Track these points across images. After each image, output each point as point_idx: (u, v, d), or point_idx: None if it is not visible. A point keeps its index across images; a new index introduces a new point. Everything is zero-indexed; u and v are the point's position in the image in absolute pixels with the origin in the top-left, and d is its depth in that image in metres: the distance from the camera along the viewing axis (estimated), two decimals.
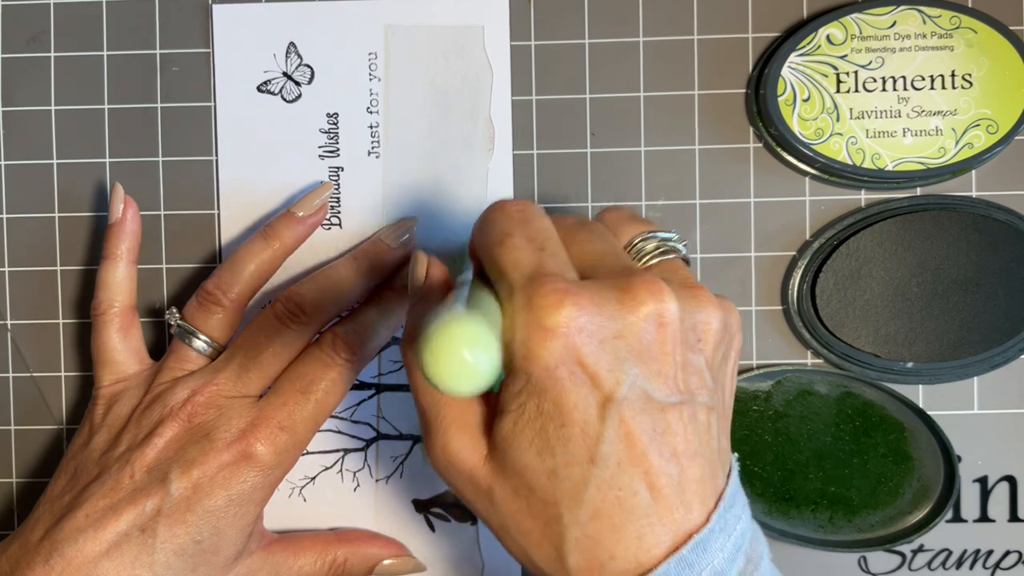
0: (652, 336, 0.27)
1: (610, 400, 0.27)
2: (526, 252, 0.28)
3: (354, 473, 0.43)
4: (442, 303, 0.28)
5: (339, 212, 0.42)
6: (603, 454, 0.27)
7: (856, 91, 0.40)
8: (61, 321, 0.43)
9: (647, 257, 0.32)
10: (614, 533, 0.27)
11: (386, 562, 0.41)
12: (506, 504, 0.29)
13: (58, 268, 0.43)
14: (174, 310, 0.39)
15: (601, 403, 0.27)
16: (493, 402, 0.29)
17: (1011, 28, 0.40)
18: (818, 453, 0.42)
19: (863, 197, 0.42)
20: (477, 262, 0.31)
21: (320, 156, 0.42)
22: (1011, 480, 0.42)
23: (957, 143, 0.40)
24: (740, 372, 0.42)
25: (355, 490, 0.43)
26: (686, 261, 0.33)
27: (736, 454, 0.31)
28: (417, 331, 0.27)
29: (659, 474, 0.27)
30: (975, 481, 0.42)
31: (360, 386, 0.42)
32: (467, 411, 0.30)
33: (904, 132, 0.40)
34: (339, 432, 0.43)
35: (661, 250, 0.32)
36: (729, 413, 0.31)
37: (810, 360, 0.42)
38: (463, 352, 0.25)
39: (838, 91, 0.40)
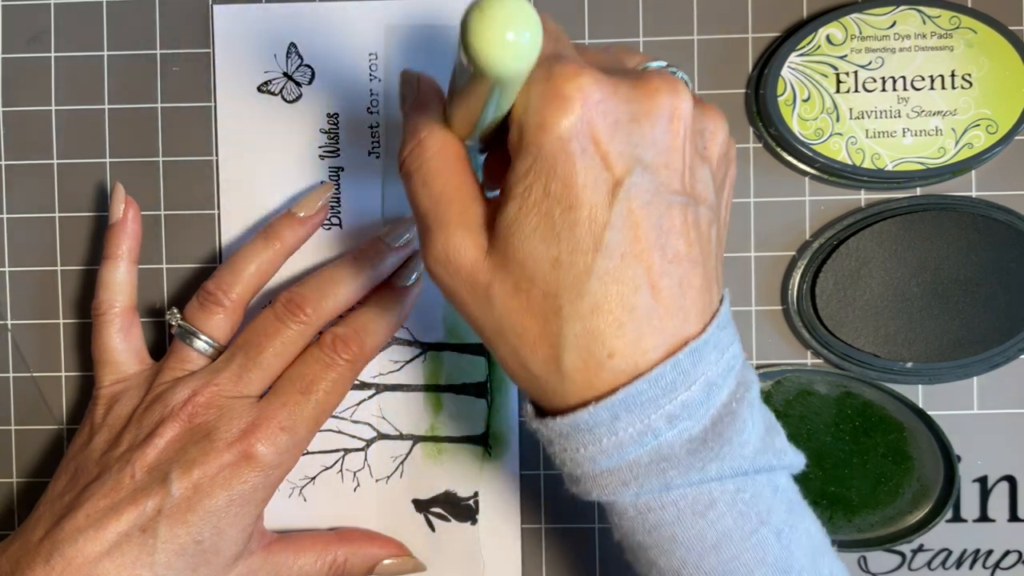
0: (665, 127, 0.27)
1: (620, 185, 0.26)
2: (544, 38, 0.28)
3: (354, 473, 0.43)
4: None
5: (339, 212, 0.42)
6: (608, 242, 0.26)
7: (856, 91, 0.40)
8: (61, 321, 0.43)
9: None
10: (614, 328, 0.27)
11: (386, 562, 0.41)
12: (505, 302, 0.28)
13: (58, 268, 0.43)
14: (175, 310, 0.39)
15: (611, 187, 0.26)
16: (495, 205, 0.29)
17: (1011, 28, 0.40)
18: (818, 453, 0.42)
19: (863, 197, 0.42)
20: None
21: (320, 156, 0.42)
22: (1011, 480, 0.42)
23: (957, 143, 0.40)
24: None
25: (355, 490, 0.43)
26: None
27: (728, 289, 0.31)
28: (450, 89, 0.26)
29: (661, 274, 0.27)
30: (975, 481, 0.42)
31: (360, 386, 0.42)
32: (468, 209, 0.29)
33: (904, 132, 0.40)
34: (339, 432, 0.43)
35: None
36: (723, 242, 0.31)
37: (810, 360, 0.42)
38: (508, 27, 0.24)
39: (838, 91, 0.40)
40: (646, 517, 0.29)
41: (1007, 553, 0.42)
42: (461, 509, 0.43)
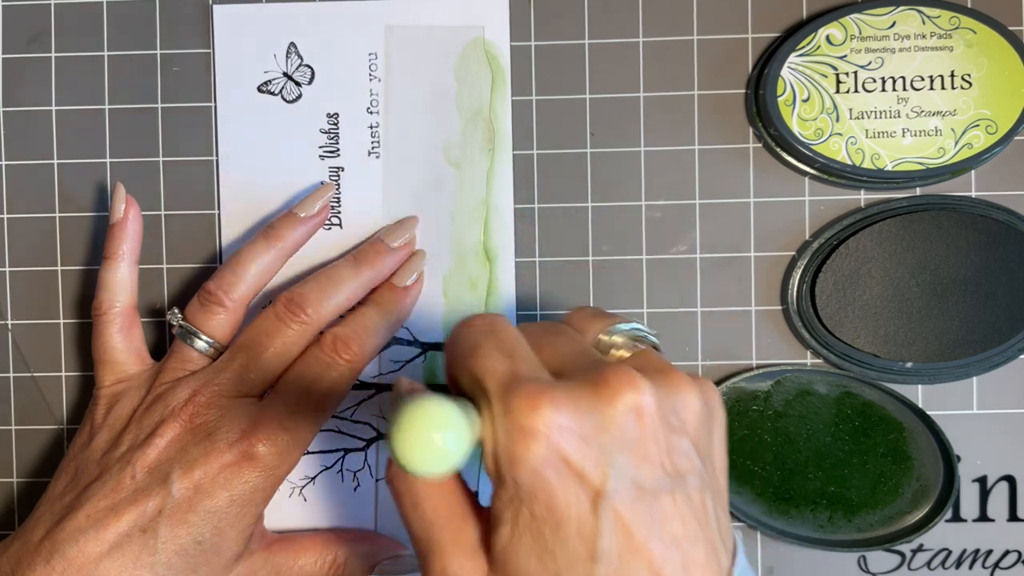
0: (633, 426, 0.27)
1: (601, 494, 0.26)
2: (497, 360, 0.28)
3: (354, 473, 0.43)
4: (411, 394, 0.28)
5: (339, 212, 0.42)
6: (603, 549, 0.26)
7: (856, 91, 0.41)
8: (62, 321, 0.43)
9: (617, 351, 0.32)
10: None
11: (386, 562, 0.41)
12: None
13: (59, 268, 0.43)
14: (176, 310, 0.39)
15: (592, 499, 0.26)
16: (487, 517, 0.29)
17: (1011, 28, 0.40)
18: (817, 453, 0.42)
19: (862, 197, 0.42)
20: (454, 383, 0.31)
21: (320, 156, 0.42)
22: (1010, 480, 0.42)
23: (956, 143, 0.40)
24: (740, 372, 0.42)
25: (355, 490, 0.43)
26: (656, 348, 0.32)
27: (740, 535, 0.31)
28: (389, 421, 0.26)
29: (663, 562, 0.27)
30: (974, 481, 0.42)
31: (360, 386, 0.43)
32: (462, 531, 0.29)
33: (903, 132, 0.40)
34: (339, 432, 0.43)
35: (631, 340, 0.32)
36: (724, 489, 0.31)
37: (809, 360, 0.42)
38: (432, 434, 0.25)
39: (838, 91, 0.41)
40: None
41: (1007, 553, 0.42)
42: None
